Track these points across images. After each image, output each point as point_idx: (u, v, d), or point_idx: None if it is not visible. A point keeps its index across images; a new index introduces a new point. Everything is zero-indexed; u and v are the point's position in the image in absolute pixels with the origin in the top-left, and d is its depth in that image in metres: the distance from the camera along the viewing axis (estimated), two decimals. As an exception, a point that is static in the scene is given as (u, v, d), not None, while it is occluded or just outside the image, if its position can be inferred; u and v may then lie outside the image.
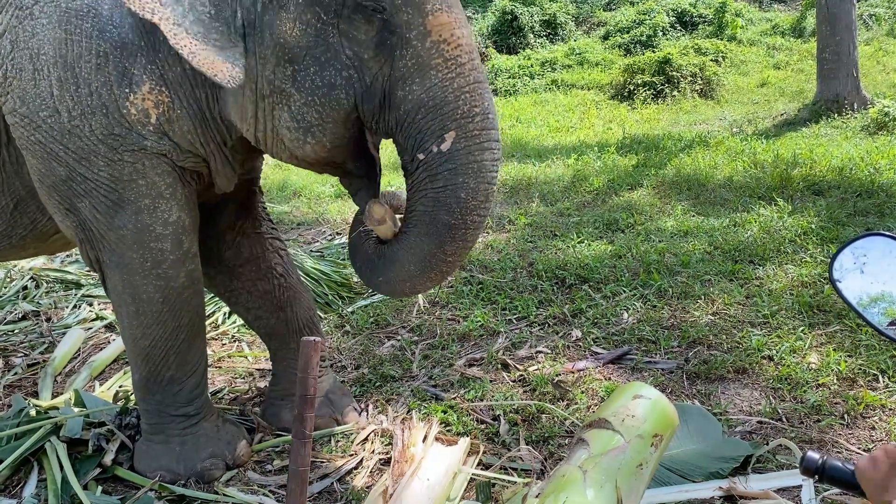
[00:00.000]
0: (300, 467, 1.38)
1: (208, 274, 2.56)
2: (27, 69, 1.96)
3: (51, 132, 1.99)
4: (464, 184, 1.87)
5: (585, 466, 1.28)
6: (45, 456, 2.42)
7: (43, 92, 1.96)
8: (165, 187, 2.10)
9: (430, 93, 1.84)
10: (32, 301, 4.10)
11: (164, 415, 2.35)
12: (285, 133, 1.95)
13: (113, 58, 1.94)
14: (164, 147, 2.04)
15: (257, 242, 2.59)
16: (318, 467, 2.45)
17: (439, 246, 1.91)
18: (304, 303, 2.71)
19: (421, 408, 2.74)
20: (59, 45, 1.93)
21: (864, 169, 5.70)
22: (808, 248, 4.13)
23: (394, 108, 1.88)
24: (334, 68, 1.87)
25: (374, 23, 1.83)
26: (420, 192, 1.91)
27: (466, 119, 1.86)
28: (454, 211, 1.88)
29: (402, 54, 1.83)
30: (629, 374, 3.00)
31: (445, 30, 1.84)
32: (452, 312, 3.73)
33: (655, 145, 7.63)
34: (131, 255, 2.12)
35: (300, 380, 1.34)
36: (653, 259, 4.15)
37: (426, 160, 1.88)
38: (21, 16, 1.96)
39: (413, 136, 1.88)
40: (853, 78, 8.74)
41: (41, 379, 3.13)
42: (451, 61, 1.85)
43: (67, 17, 1.93)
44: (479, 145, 1.87)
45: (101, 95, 1.96)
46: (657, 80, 11.29)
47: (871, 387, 2.72)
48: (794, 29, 13.84)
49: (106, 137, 1.99)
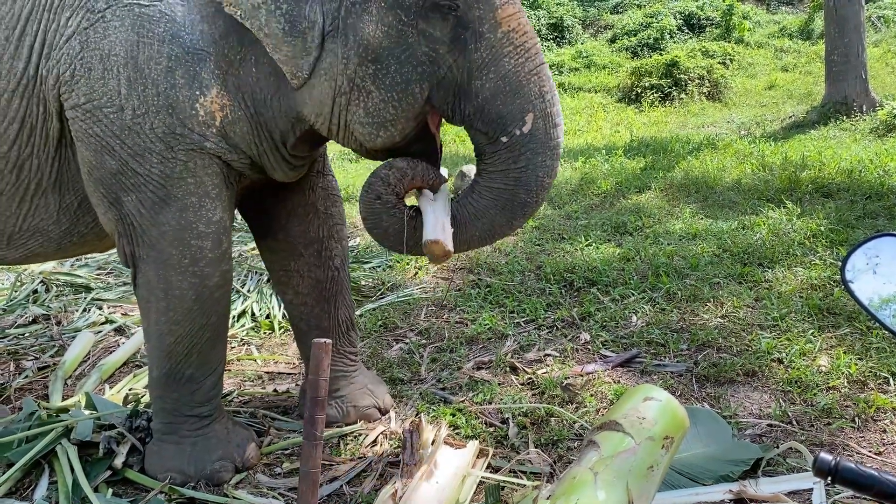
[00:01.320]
0: (311, 469, 1.38)
1: (271, 248, 2.63)
2: (96, 68, 2.04)
3: (111, 127, 2.06)
4: (542, 163, 2.04)
5: (596, 468, 1.28)
6: (56, 459, 2.43)
7: (110, 90, 2.04)
8: (213, 187, 2.16)
9: (506, 79, 1.99)
10: (43, 305, 4.12)
11: (178, 414, 2.36)
12: (357, 128, 2.06)
13: (184, 62, 2.04)
14: (221, 148, 2.13)
15: (325, 224, 2.62)
16: (327, 470, 2.46)
17: (510, 220, 2.11)
18: (348, 300, 2.76)
19: (429, 411, 2.74)
20: (131, 48, 2.02)
21: (874, 171, 5.68)
22: (817, 251, 4.12)
23: (471, 98, 2.02)
24: (412, 65, 1.99)
25: (449, 20, 1.97)
26: (500, 171, 2.06)
27: (540, 100, 2.02)
28: (532, 189, 2.06)
29: (477, 47, 1.98)
30: (638, 377, 2.99)
31: (513, 20, 2.00)
32: (460, 315, 3.73)
33: (663, 148, 7.63)
34: (171, 251, 2.16)
35: (311, 381, 1.34)
36: (661, 262, 4.14)
37: (510, 143, 2.02)
38: (92, 18, 2.04)
39: (494, 122, 2.02)
40: (862, 80, 8.72)
41: (51, 382, 3.15)
42: (520, 48, 2.00)
43: (141, 21, 2.02)
44: (553, 122, 2.05)
45: (169, 97, 2.04)
46: (665, 82, 11.29)
47: (881, 389, 2.71)
48: (801, 31, 13.81)
49: (166, 136, 2.07)
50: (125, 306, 4.16)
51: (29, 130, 2.14)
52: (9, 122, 2.12)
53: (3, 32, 2.07)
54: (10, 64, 2.08)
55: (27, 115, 2.12)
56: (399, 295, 4.09)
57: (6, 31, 2.07)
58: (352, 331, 2.80)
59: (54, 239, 2.36)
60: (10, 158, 2.16)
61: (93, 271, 4.69)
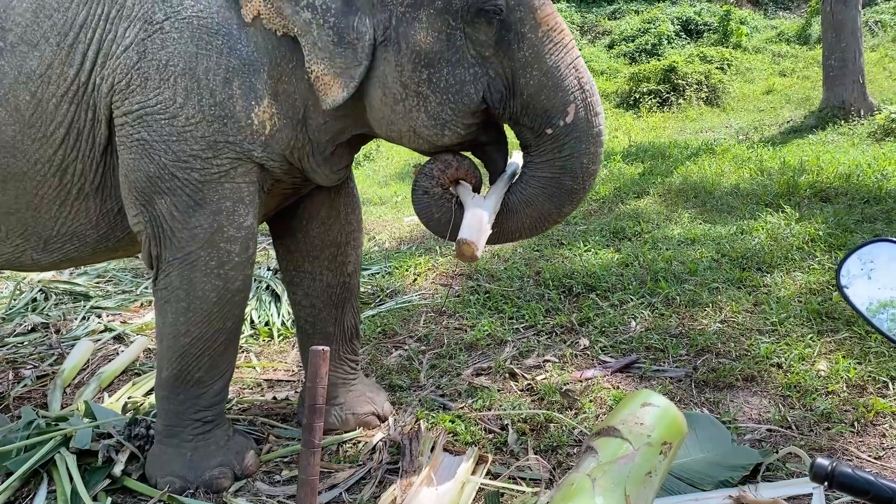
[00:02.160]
0: (310, 476, 1.38)
1: (287, 247, 2.67)
2: (153, 78, 2.08)
3: (160, 132, 2.10)
4: (586, 150, 2.14)
5: (594, 474, 1.28)
6: (55, 467, 2.42)
7: (165, 98, 2.08)
8: (248, 194, 2.21)
9: (548, 75, 2.09)
10: (41, 313, 4.12)
11: (182, 417, 2.37)
12: (423, 131, 2.14)
13: (241, 73, 2.09)
14: (266, 156, 2.18)
15: (344, 230, 2.66)
16: (326, 477, 2.45)
17: (559, 207, 2.20)
18: (355, 308, 2.80)
19: (429, 417, 2.74)
20: (190, 59, 2.07)
21: (872, 175, 5.69)
22: (815, 255, 4.12)
23: (518, 95, 2.11)
24: (463, 67, 2.08)
25: (494, 24, 2.06)
26: (546, 161, 2.15)
27: (580, 91, 2.12)
28: (578, 177, 2.15)
29: (520, 47, 2.08)
30: (637, 382, 2.99)
31: (551, 19, 2.11)
32: (459, 321, 3.73)
33: (661, 153, 7.64)
34: (199, 253, 2.19)
35: (309, 389, 1.34)
36: (660, 267, 4.14)
37: (554, 134, 2.12)
38: (150, 30, 2.09)
39: (539, 115, 2.12)
40: (859, 84, 8.74)
41: (50, 391, 3.14)
42: (559, 44, 2.10)
43: (199, 33, 2.08)
44: (594, 111, 2.14)
45: (225, 107, 2.09)
46: (663, 88, 11.32)
47: (881, 394, 2.71)
48: (799, 36, 13.84)
49: (215, 144, 2.11)
50: (124, 314, 4.16)
51: (76, 135, 2.19)
52: (56, 125, 2.16)
53: (55, 38, 2.12)
54: (62, 70, 2.13)
55: (75, 120, 2.17)
56: (398, 301, 4.10)
57: (58, 37, 2.12)
58: (355, 339, 2.82)
59: (90, 243, 2.39)
60: (55, 162, 2.20)
61: (92, 279, 4.70)
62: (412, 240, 5.52)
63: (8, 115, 2.14)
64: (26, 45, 2.12)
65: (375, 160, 8.70)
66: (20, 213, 2.29)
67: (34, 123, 2.15)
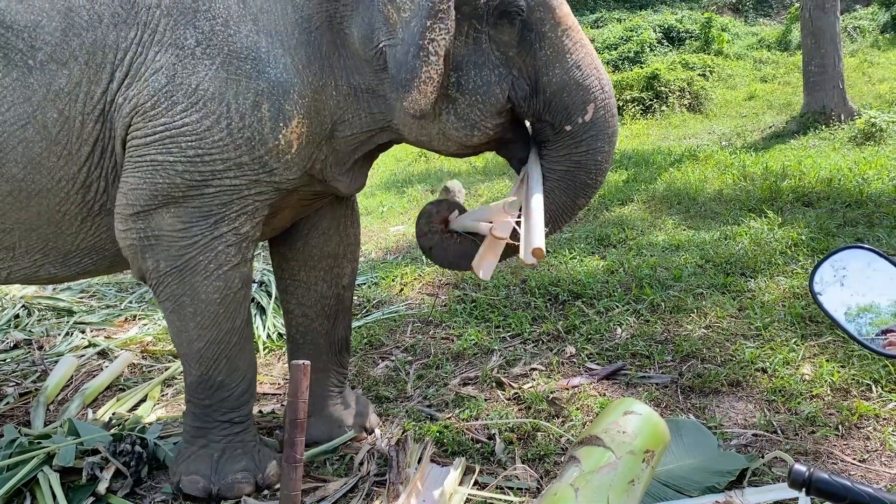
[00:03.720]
0: (292, 492, 1.38)
1: (284, 256, 2.67)
2: (181, 102, 2.09)
3: (183, 154, 2.11)
4: (601, 148, 2.22)
5: (577, 484, 1.28)
6: (38, 486, 2.40)
7: (192, 122, 2.09)
8: (254, 208, 2.23)
9: (569, 73, 2.16)
10: (24, 329, 4.08)
11: (209, 419, 2.39)
12: (453, 133, 2.20)
13: (269, 96, 2.11)
14: (285, 175, 2.20)
15: (343, 242, 2.69)
16: (313, 490, 2.44)
17: (573, 199, 2.27)
18: (347, 321, 2.81)
19: (416, 428, 2.73)
20: (220, 84, 2.09)
21: (853, 179, 5.75)
22: (798, 260, 4.16)
23: (541, 92, 2.18)
24: (488, 69, 2.14)
25: (516, 24, 2.12)
26: (563, 156, 2.23)
27: (599, 90, 2.20)
28: (592, 171, 2.24)
29: (541, 45, 2.15)
30: (624, 389, 3.00)
31: (569, 19, 2.18)
32: (446, 331, 3.73)
33: (645, 160, 7.68)
34: (199, 259, 2.21)
35: (290, 404, 1.34)
36: (645, 273, 4.16)
37: (573, 130, 2.20)
38: (181, 55, 2.10)
39: (560, 112, 2.19)
40: (839, 89, 8.84)
41: (33, 408, 3.11)
42: (578, 44, 2.19)
43: (230, 59, 2.09)
44: (612, 111, 2.23)
45: (254, 129, 2.11)
46: (646, 95, 11.40)
47: (864, 397, 2.73)
48: (779, 42, 14.00)
49: (239, 165, 2.13)
50: (108, 329, 4.13)
51: (100, 152, 2.20)
52: (81, 142, 2.17)
53: (83, 57, 2.12)
54: (89, 88, 2.13)
55: (99, 139, 2.18)
56: (385, 312, 4.09)
57: (87, 55, 2.12)
58: (345, 352, 2.83)
59: (108, 257, 2.41)
60: (79, 179, 2.21)
61: (75, 294, 4.66)
62: (398, 250, 5.52)
63: (36, 132, 2.14)
64: (56, 64, 2.12)
65: (361, 170, 8.70)
66: (41, 229, 2.29)
67: (60, 140, 2.16)
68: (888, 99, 9.53)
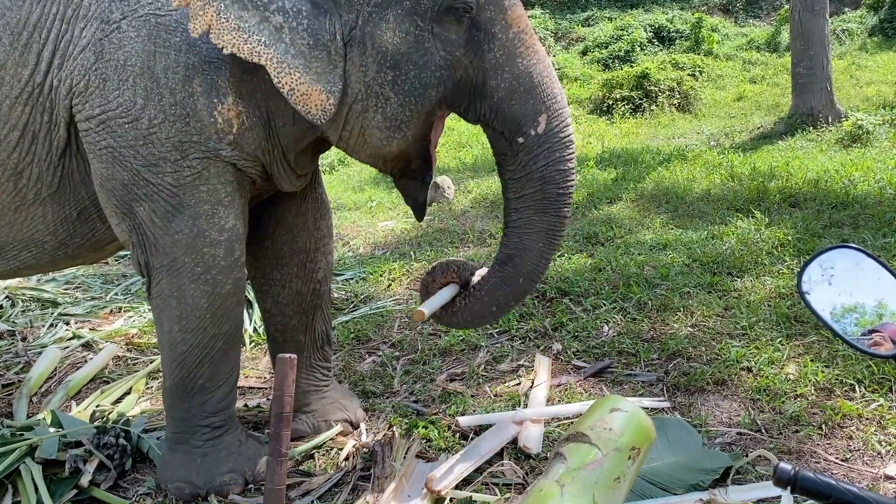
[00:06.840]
0: (276, 486, 1.37)
1: (255, 255, 2.61)
2: (112, 79, 2.04)
3: (125, 137, 2.06)
4: (560, 157, 2.12)
5: (563, 480, 1.28)
6: (20, 478, 2.38)
7: (126, 101, 2.04)
8: (226, 195, 2.17)
9: (519, 79, 2.06)
10: (8, 320, 4.05)
11: (189, 424, 2.35)
12: (375, 132, 2.10)
13: (201, 70, 2.04)
14: (236, 156, 2.14)
15: (313, 236, 2.63)
16: (298, 485, 2.43)
17: (557, 212, 2.18)
18: (326, 315, 2.77)
19: (402, 424, 2.73)
20: (148, 58, 2.03)
21: (839, 181, 5.78)
22: (784, 260, 4.18)
23: (487, 97, 2.08)
24: (430, 69, 2.04)
25: (464, 22, 2.03)
26: (524, 175, 2.14)
27: (552, 100, 2.10)
28: (558, 181, 2.14)
29: (490, 47, 2.04)
30: (610, 387, 3.01)
31: (522, 21, 2.07)
32: (433, 327, 3.72)
33: (634, 159, 7.70)
34: (184, 259, 2.16)
35: (275, 397, 1.33)
36: (632, 272, 4.17)
37: (526, 143, 2.10)
38: (107, 29, 2.04)
39: (510, 121, 2.09)
40: (827, 92, 8.88)
41: (16, 399, 3.09)
42: (530, 48, 2.08)
43: (157, 31, 2.03)
44: (565, 122, 2.13)
45: (186, 105, 2.05)
46: (635, 94, 11.40)
47: (847, 396, 2.75)
48: (769, 44, 14.04)
49: (181, 144, 2.07)
50: (93, 321, 4.10)
51: (31, 138, 2.13)
52: (10, 128, 2.11)
53: (7, 38, 2.06)
54: (15, 70, 2.07)
55: (29, 123, 2.11)
56: (372, 307, 4.08)
57: (11, 36, 2.06)
58: (327, 345, 2.80)
59: (48, 251, 2.34)
60: (9, 166, 2.15)
61: (60, 286, 4.62)
62: (386, 245, 5.51)
63: None
64: None
65: (350, 165, 8.66)
66: None
67: None
68: (875, 102, 9.59)
